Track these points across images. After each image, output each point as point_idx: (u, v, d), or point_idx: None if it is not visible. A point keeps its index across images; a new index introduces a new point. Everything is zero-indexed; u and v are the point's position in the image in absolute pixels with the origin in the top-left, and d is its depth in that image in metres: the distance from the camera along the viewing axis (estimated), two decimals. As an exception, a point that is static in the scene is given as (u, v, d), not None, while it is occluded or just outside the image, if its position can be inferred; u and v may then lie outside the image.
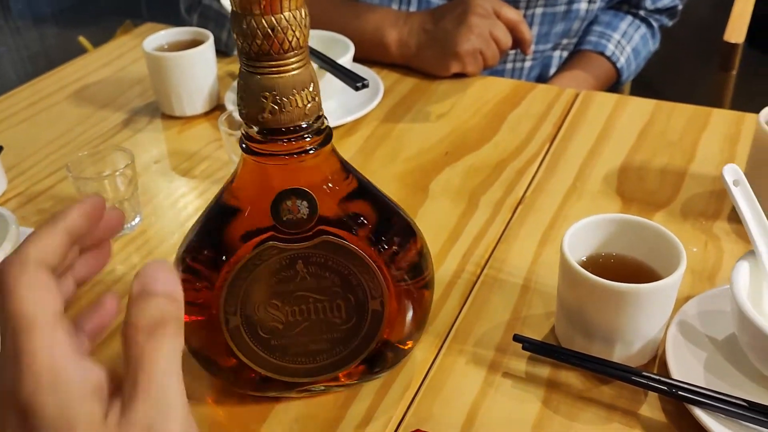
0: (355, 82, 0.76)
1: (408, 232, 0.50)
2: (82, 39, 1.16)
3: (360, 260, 0.46)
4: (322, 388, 0.52)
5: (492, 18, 0.93)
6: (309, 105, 0.42)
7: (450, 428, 0.49)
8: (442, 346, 0.55)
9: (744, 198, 0.51)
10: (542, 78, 1.14)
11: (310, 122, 0.43)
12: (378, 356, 0.51)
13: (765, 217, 0.51)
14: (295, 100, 0.41)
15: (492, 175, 0.75)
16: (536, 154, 0.78)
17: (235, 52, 1.01)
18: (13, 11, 1.20)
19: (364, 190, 0.48)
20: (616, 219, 0.53)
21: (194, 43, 0.88)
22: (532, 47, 1.03)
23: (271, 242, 0.45)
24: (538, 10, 1.05)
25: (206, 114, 0.89)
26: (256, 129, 0.43)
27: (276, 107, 0.41)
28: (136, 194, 0.69)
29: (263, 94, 0.41)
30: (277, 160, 0.44)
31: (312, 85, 0.42)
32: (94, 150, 0.70)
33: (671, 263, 0.49)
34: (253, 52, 0.40)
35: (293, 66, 0.41)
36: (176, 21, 1.16)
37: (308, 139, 0.43)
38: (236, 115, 0.74)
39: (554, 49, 1.12)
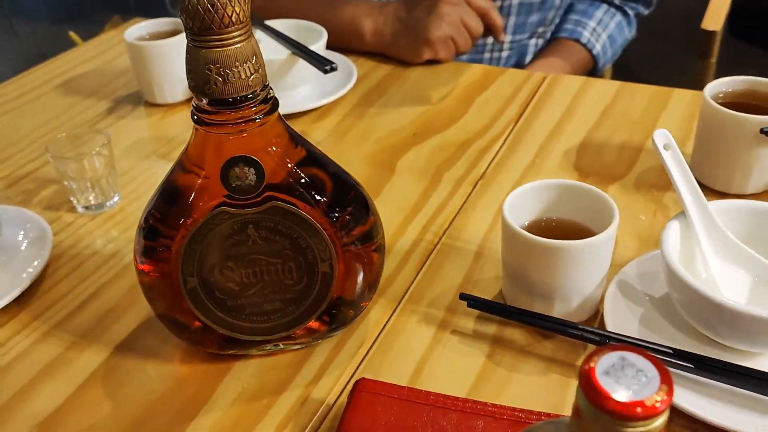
0: (323, 65, 0.79)
1: (357, 198, 0.53)
2: (72, 34, 1.20)
3: (308, 224, 0.49)
4: (281, 346, 0.55)
5: (463, 6, 0.96)
6: (252, 76, 0.45)
7: (398, 380, 0.52)
8: (396, 308, 0.58)
9: (674, 161, 0.53)
10: (519, 66, 1.17)
11: (256, 92, 0.46)
12: (331, 314, 0.54)
13: (694, 180, 0.54)
14: (239, 71, 0.44)
15: (456, 154, 0.78)
16: (500, 134, 0.81)
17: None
18: (6, 8, 1.24)
19: (313, 158, 0.51)
20: (555, 184, 0.56)
21: (175, 33, 0.92)
22: (508, 36, 1.06)
23: (222, 207, 0.48)
24: (515, 1, 1.08)
25: (187, 101, 0.92)
26: (205, 101, 0.46)
27: (220, 79, 0.44)
28: (114, 173, 0.73)
29: (208, 67, 0.44)
30: (225, 128, 0.47)
31: (255, 57, 0.45)
32: (72, 132, 0.73)
33: (606, 222, 0.52)
34: (195, 27, 0.43)
35: (235, 40, 0.44)
36: (164, 16, 1.19)
37: (253, 109, 0.46)
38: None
39: (530, 37, 1.15)
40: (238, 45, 0.44)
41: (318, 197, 0.50)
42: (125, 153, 0.82)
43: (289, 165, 0.49)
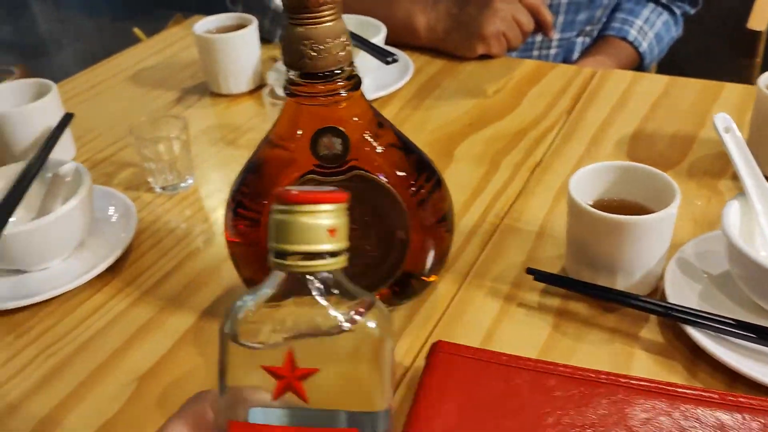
0: (385, 57, 0.83)
1: (432, 176, 0.56)
2: (136, 30, 1.25)
3: (389, 194, 0.53)
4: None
5: (515, 3, 0.99)
6: (342, 53, 0.49)
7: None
8: (464, 282, 0.62)
9: (734, 143, 0.56)
10: (566, 63, 1.19)
11: (343, 68, 0.50)
12: (403, 284, 0.57)
13: (754, 161, 0.56)
14: (330, 47, 0.48)
15: (512, 142, 0.82)
16: (553, 124, 0.84)
17: (277, 39, 1.09)
18: (72, 5, 1.30)
19: (394, 134, 0.55)
20: (617, 165, 0.59)
21: (239, 27, 0.96)
22: (557, 34, 1.09)
23: (310, 176, 0.52)
24: (564, 0, 1.11)
25: (251, 92, 0.97)
26: (296, 74, 0.50)
27: (313, 54, 0.48)
28: (189, 157, 0.77)
29: (302, 43, 0.48)
30: (315, 101, 0.51)
31: (344, 35, 0.49)
32: (153, 117, 0.78)
33: (667, 201, 0.55)
34: (293, 5, 0.47)
35: (327, 18, 0.48)
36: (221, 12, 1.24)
37: (341, 83, 0.50)
38: (278, 90, 0.82)
39: (578, 35, 1.18)
40: (330, 23, 0.48)
41: (397, 170, 0.53)
42: (194, 139, 0.87)
43: (372, 138, 0.53)
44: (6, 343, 0.60)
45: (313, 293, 0.30)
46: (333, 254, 0.31)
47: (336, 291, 0.31)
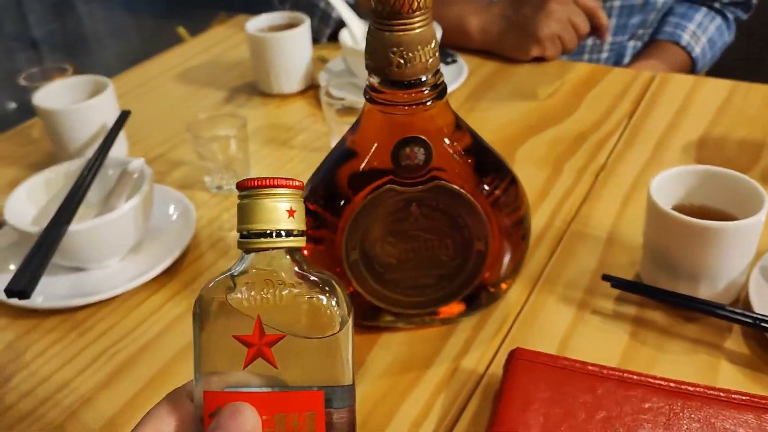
0: (444, 58, 0.81)
1: (513, 183, 0.55)
2: (181, 29, 1.25)
3: (468, 204, 0.51)
4: (426, 320, 0.57)
5: (570, 5, 0.97)
6: (431, 60, 0.47)
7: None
8: (534, 288, 0.60)
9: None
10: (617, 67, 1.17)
11: (429, 76, 0.48)
12: (477, 294, 0.56)
13: None
14: (420, 55, 0.47)
15: (573, 146, 0.80)
16: (615, 128, 0.82)
17: (324, 39, 1.08)
18: (115, 4, 1.30)
19: (475, 143, 0.53)
20: (700, 170, 0.57)
21: (291, 26, 0.95)
22: (610, 37, 1.07)
23: (389, 185, 0.50)
24: (616, 3, 1.09)
25: (301, 92, 0.96)
26: (378, 80, 0.48)
27: (402, 61, 0.46)
28: (246, 156, 0.76)
29: (392, 50, 0.46)
30: (398, 109, 0.49)
31: (434, 42, 0.47)
32: (212, 114, 0.77)
33: (753, 209, 0.53)
34: (385, 11, 0.45)
35: (419, 24, 0.46)
36: (267, 12, 1.23)
37: (426, 92, 0.48)
38: (334, 90, 0.80)
39: (629, 39, 1.16)
40: (421, 29, 0.46)
41: (478, 179, 0.52)
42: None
43: (454, 147, 0.51)
44: (70, 340, 0.59)
45: (277, 270, 0.33)
46: (293, 233, 0.33)
47: (298, 269, 0.33)
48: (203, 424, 0.32)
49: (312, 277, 0.33)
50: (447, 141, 0.51)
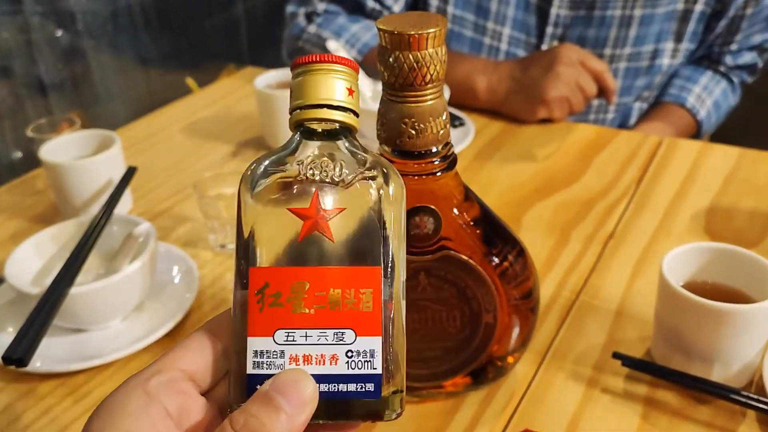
0: (453, 120, 0.81)
1: (521, 254, 0.54)
2: (189, 80, 1.26)
3: (477, 275, 0.50)
4: (432, 393, 0.55)
5: (578, 67, 0.98)
6: (441, 132, 0.47)
7: (553, 435, 0.52)
8: (542, 362, 0.59)
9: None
10: (623, 128, 1.18)
11: (440, 147, 0.48)
12: (484, 368, 0.54)
13: None
14: (431, 126, 0.46)
15: (581, 212, 0.79)
16: (623, 194, 0.82)
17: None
18: (124, 53, 1.31)
19: (484, 213, 0.53)
20: (713, 247, 0.56)
21: (300, 83, 0.95)
22: (616, 98, 1.07)
23: (397, 254, 0.50)
24: (622, 65, 1.10)
25: (307, 149, 0.96)
26: (389, 149, 0.48)
27: (414, 132, 0.46)
28: (252, 215, 0.76)
29: (403, 121, 0.46)
30: (408, 179, 0.48)
31: (445, 114, 0.47)
32: (216, 173, 0.77)
33: (767, 291, 0.52)
34: (397, 83, 0.45)
35: (431, 96, 0.46)
36: (276, 65, 1.24)
37: (437, 163, 0.48)
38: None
39: (635, 101, 1.16)
40: (433, 101, 0.46)
41: (487, 250, 0.51)
42: (253, 196, 0.85)
43: (463, 218, 0.51)
44: (64, 407, 0.57)
45: (333, 147, 0.32)
46: (353, 112, 0.33)
47: (352, 148, 0.33)
48: (245, 307, 0.31)
49: (367, 157, 0.33)
50: (456, 211, 0.50)
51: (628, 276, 0.68)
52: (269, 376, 0.30)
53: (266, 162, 0.32)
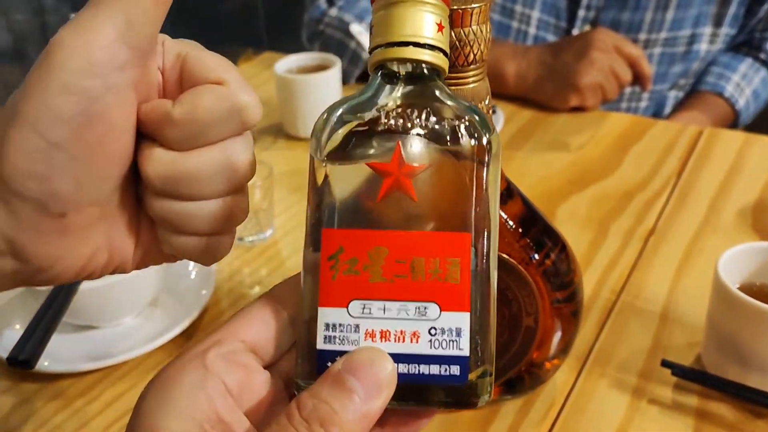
0: (484, 108, 0.77)
1: (564, 252, 0.50)
2: (206, 65, 1.22)
3: (519, 276, 0.46)
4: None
5: (612, 53, 0.93)
6: (485, 117, 0.43)
7: (598, 450, 0.48)
8: (582, 368, 0.55)
9: None
10: (657, 117, 1.13)
11: (482, 133, 0.44)
12: (521, 375, 0.51)
13: None
14: None
15: (619, 205, 0.75)
16: (663, 187, 0.77)
17: (353, 80, 1.04)
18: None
19: (528, 211, 0.49)
20: (773, 247, 0.52)
21: (320, 67, 0.91)
22: (650, 85, 1.02)
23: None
24: (657, 50, 1.05)
25: (328, 136, 0.92)
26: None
27: None
28: (271, 207, 0.72)
29: None
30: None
31: (488, 98, 0.43)
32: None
33: (836, 295, 0.48)
34: None
35: (473, 78, 0.42)
36: (294, 49, 1.20)
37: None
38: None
39: (670, 89, 1.11)
40: (475, 84, 0.42)
41: (530, 249, 0.47)
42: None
43: (505, 216, 0.47)
44: (75, 408, 0.54)
45: (422, 88, 0.28)
46: (443, 51, 0.28)
47: (440, 94, 0.28)
48: (317, 272, 0.27)
49: (458, 105, 0.28)
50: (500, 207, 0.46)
51: (673, 275, 0.64)
52: (342, 352, 0.27)
53: (341, 109, 0.28)
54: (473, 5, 0.39)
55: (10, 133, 0.26)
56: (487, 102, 0.43)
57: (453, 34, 0.40)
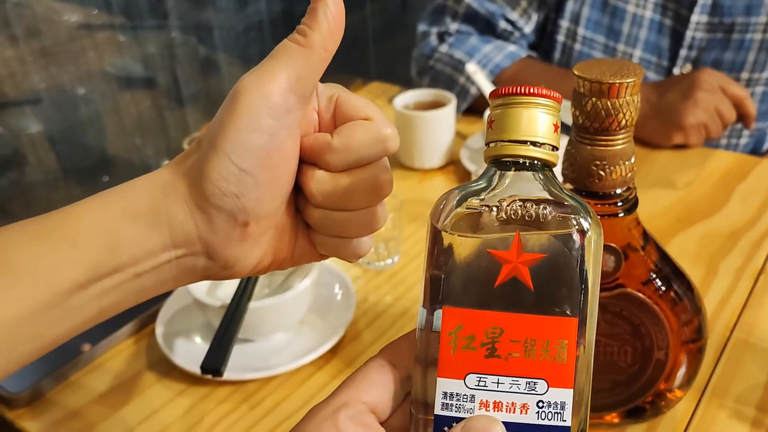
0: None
1: (692, 292, 0.54)
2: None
3: (652, 313, 0.51)
4: (591, 424, 0.57)
5: (718, 93, 0.96)
6: (629, 174, 0.49)
7: (720, 475, 0.53)
8: (701, 399, 0.59)
9: None
10: (756, 153, 1.15)
11: (623, 190, 0.50)
12: (648, 404, 0.55)
13: None
14: (620, 169, 0.48)
15: (727, 244, 0.78)
16: (771, 227, 0.81)
17: (460, 113, 1.11)
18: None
19: (661, 253, 0.54)
20: None
21: (435, 104, 0.98)
22: (754, 125, 1.05)
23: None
24: (759, 89, 1.08)
25: (441, 168, 0.98)
26: (572, 188, 0.50)
27: (603, 174, 0.48)
28: (400, 236, 0.79)
29: (594, 163, 0.48)
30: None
31: (633, 157, 0.49)
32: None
33: None
34: (592, 127, 0.47)
35: (621, 140, 0.48)
36: (398, 80, 1.28)
37: (620, 205, 0.50)
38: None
39: (770, 125, 1.13)
40: (623, 145, 0.48)
41: (665, 290, 0.52)
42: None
43: (641, 257, 0.52)
44: (242, 412, 0.62)
45: (537, 182, 0.31)
46: (556, 149, 0.31)
47: (553, 188, 0.31)
48: (436, 344, 0.30)
49: (568, 199, 0.31)
50: (635, 252, 0.52)
51: (784, 314, 0.68)
52: (458, 419, 0.30)
53: (460, 195, 0.32)
54: (628, 80, 0.45)
55: (211, 160, 0.33)
56: (632, 160, 0.49)
57: (609, 103, 0.46)
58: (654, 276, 0.52)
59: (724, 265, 0.75)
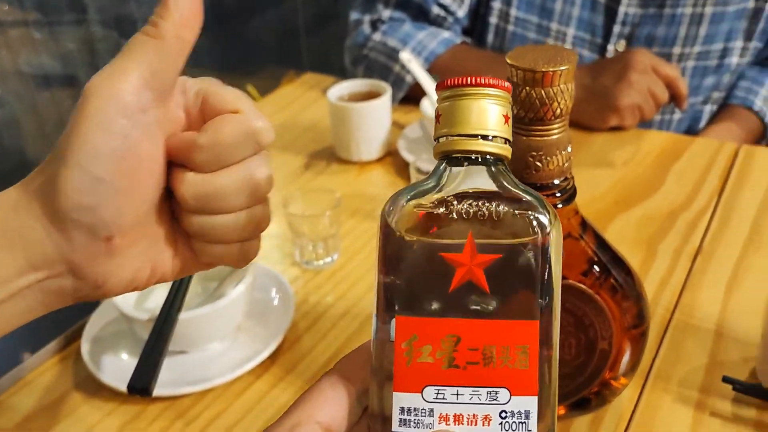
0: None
1: (632, 279, 0.54)
2: (250, 87, 1.26)
3: (595, 304, 0.50)
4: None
5: (650, 74, 0.97)
6: (566, 164, 0.48)
7: (667, 462, 0.52)
8: (644, 384, 0.59)
9: None
10: (691, 131, 1.16)
11: (560, 180, 0.48)
12: (594, 394, 0.55)
13: None
14: (556, 159, 0.47)
15: (665, 225, 0.79)
16: (706, 206, 0.81)
17: (396, 103, 1.09)
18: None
19: (600, 241, 0.53)
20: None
21: (370, 94, 0.96)
22: (686, 104, 1.06)
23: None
24: (690, 63, 1.09)
25: (379, 160, 0.96)
26: None
27: (539, 165, 0.47)
28: (338, 234, 0.76)
29: (531, 154, 0.46)
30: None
31: (569, 147, 0.47)
32: (305, 188, 0.77)
33: None
34: (527, 117, 0.45)
35: (557, 130, 0.46)
36: (332, 70, 1.25)
37: (558, 196, 0.48)
38: (422, 165, 0.81)
39: (704, 102, 1.15)
40: (559, 135, 0.47)
41: (605, 278, 0.51)
42: (331, 209, 0.86)
43: (581, 246, 0.51)
44: (176, 429, 0.58)
45: (485, 173, 0.29)
46: (508, 142, 0.30)
47: (507, 183, 0.29)
48: (392, 355, 0.28)
49: (523, 194, 0.29)
50: (575, 241, 0.51)
51: (723, 293, 0.68)
52: None
53: (409, 195, 0.29)
54: (561, 67, 0.44)
55: (62, 172, 0.31)
56: (568, 150, 0.47)
57: (543, 92, 0.44)
58: (593, 265, 0.51)
59: (662, 247, 0.75)
